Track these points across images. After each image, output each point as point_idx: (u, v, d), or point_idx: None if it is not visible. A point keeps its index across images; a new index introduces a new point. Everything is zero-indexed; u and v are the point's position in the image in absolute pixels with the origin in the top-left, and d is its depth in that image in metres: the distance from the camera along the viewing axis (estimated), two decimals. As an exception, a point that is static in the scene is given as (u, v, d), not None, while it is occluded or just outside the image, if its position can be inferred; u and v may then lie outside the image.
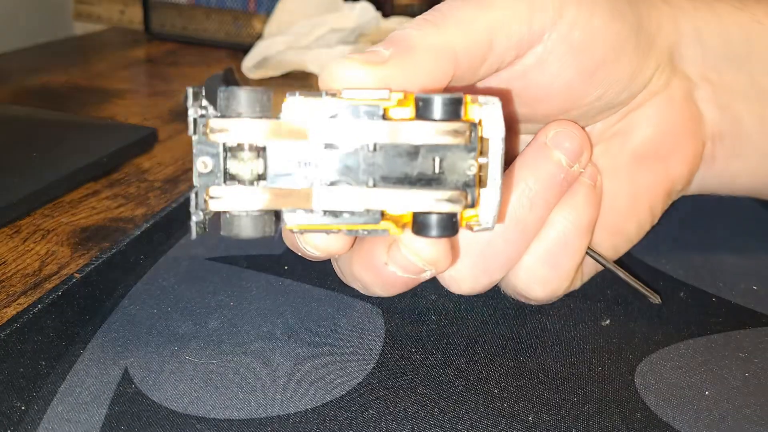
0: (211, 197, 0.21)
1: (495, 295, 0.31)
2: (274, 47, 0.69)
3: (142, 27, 0.86)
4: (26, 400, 0.24)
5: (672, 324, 0.30)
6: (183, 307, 0.30)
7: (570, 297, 0.30)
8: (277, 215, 0.22)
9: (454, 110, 0.21)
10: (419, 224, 0.22)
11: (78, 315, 0.29)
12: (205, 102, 0.21)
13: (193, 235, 0.22)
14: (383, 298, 0.31)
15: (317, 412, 0.24)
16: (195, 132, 0.21)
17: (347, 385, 0.25)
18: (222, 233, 0.22)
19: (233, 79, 0.54)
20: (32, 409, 0.23)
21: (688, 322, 0.30)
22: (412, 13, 0.78)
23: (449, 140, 0.21)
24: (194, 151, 0.21)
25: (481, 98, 0.22)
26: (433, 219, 0.22)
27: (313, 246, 0.24)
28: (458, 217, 0.22)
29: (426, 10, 0.25)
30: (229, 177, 0.21)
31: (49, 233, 0.36)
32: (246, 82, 0.67)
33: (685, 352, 0.28)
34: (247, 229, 0.21)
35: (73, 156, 0.42)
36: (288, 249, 0.35)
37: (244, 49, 0.72)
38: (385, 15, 0.76)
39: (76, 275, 0.31)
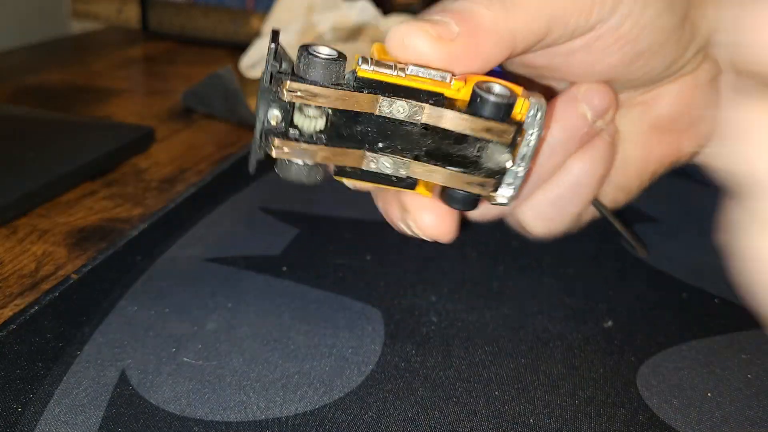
0: (277, 147, 0.23)
1: (496, 297, 0.31)
2: (272, 46, 0.69)
3: (140, 26, 0.86)
4: (23, 402, 0.24)
5: (674, 325, 0.30)
6: (181, 309, 0.29)
7: (572, 298, 0.30)
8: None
9: (506, 113, 0.23)
10: (447, 195, 0.24)
11: (75, 316, 0.28)
12: (280, 56, 0.23)
13: (252, 170, 0.24)
14: (383, 300, 0.31)
15: (316, 415, 0.24)
16: (270, 83, 0.23)
17: (346, 387, 0.25)
18: (277, 172, 0.24)
19: (233, 79, 0.54)
20: (29, 411, 0.23)
21: (690, 324, 0.30)
22: (411, 11, 0.78)
23: (494, 138, 0.23)
24: (262, 99, 0.23)
25: (531, 98, 0.24)
26: (460, 195, 0.24)
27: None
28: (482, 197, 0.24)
29: (425, 8, 0.25)
30: (292, 126, 0.23)
31: (46, 233, 0.36)
32: (244, 81, 0.66)
33: (687, 353, 0.28)
34: (300, 176, 0.24)
35: (70, 155, 0.42)
36: (286, 250, 0.35)
37: (242, 48, 0.71)
38: (385, 13, 0.75)
39: (73, 276, 0.31)
